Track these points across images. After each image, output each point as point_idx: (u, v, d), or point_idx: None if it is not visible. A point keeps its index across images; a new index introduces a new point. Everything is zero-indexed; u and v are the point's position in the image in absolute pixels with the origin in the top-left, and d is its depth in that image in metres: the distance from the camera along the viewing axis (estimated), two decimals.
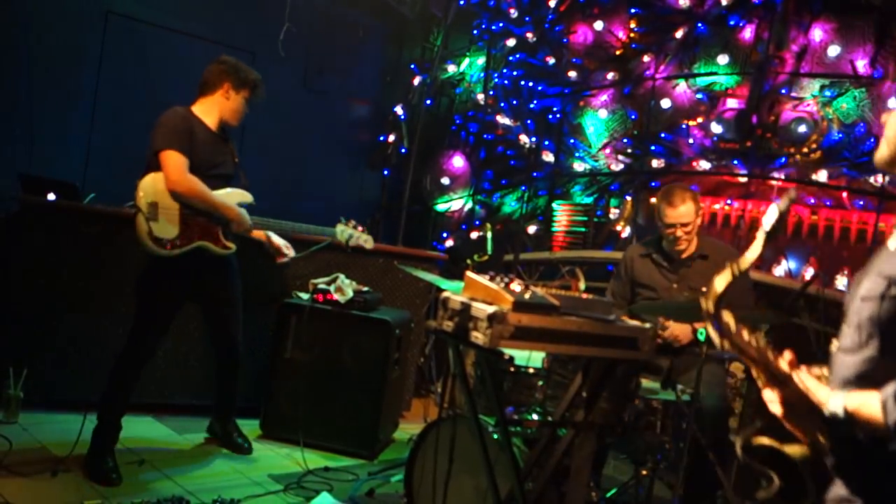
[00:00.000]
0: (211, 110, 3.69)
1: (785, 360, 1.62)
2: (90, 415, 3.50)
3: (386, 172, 7.47)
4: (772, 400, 1.63)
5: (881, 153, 1.70)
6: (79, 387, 4.22)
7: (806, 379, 1.60)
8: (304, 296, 4.37)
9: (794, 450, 1.64)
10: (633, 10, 6.58)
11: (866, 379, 1.53)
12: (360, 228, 4.06)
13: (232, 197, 3.73)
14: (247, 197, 3.80)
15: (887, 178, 5.10)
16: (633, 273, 3.91)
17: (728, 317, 1.64)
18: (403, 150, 7.33)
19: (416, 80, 7.43)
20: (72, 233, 4.22)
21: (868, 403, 1.45)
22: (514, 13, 7.28)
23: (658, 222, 3.81)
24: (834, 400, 1.52)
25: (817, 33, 5.62)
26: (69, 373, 4.22)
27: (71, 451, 3.46)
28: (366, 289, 4.42)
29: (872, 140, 5.28)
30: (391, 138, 7.33)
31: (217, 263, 3.74)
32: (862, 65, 5.40)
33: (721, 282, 1.62)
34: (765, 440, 1.67)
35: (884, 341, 1.53)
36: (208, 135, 3.66)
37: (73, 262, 4.23)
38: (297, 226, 3.93)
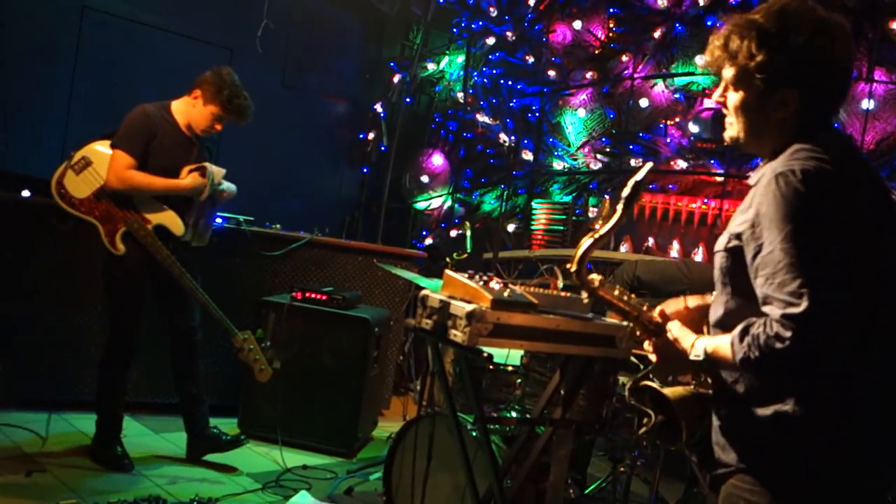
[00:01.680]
0: (181, 111, 3.66)
1: (657, 313, 1.81)
2: (56, 413, 3.46)
3: (365, 170, 7.45)
4: (649, 350, 1.81)
5: (732, 131, 1.83)
6: (52, 385, 4.17)
7: (675, 328, 1.76)
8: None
9: (671, 391, 1.79)
10: (611, 10, 6.62)
11: (724, 324, 1.68)
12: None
13: (162, 217, 3.55)
14: (174, 226, 3.56)
15: None
16: None
17: (593, 277, 1.86)
18: (383, 148, 7.32)
19: (396, 78, 7.42)
20: (46, 230, 4.16)
21: (721, 345, 1.60)
22: (493, 12, 7.30)
23: None
24: (697, 344, 1.67)
25: None
26: (44, 371, 4.17)
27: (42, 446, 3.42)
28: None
29: None
30: (371, 136, 7.32)
31: (179, 253, 3.62)
32: None
33: (584, 245, 1.82)
34: (649, 383, 1.83)
35: (733, 288, 1.67)
36: (174, 136, 3.61)
37: (46, 260, 4.18)
38: None
